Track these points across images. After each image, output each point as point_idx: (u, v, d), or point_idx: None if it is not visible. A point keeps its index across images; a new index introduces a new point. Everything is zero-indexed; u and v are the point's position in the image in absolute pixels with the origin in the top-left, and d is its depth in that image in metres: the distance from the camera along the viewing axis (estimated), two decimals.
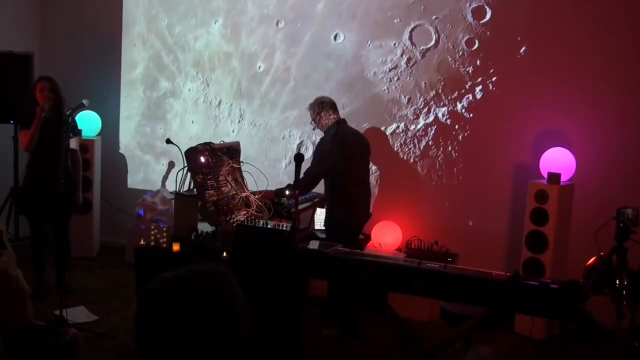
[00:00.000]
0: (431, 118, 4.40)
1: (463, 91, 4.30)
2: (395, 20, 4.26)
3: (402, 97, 4.37)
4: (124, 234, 6.46)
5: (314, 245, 4.03)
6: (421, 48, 4.30)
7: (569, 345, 4.72)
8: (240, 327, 1.40)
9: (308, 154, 4.84)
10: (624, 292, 3.14)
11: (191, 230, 4.39)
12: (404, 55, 4.34)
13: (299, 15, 4.43)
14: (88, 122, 6.43)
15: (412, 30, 4.27)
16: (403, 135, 4.38)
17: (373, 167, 5.59)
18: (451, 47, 4.24)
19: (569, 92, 5.16)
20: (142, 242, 4.40)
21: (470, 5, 4.09)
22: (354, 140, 4.92)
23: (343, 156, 4.73)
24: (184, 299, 1.36)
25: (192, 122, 4.93)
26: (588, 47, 5.10)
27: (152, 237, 4.36)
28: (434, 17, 4.17)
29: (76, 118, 5.48)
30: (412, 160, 4.80)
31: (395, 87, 4.38)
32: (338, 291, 4.81)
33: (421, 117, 4.39)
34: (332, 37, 4.43)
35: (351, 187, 4.80)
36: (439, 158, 5.29)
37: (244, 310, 1.42)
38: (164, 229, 4.43)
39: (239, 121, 4.74)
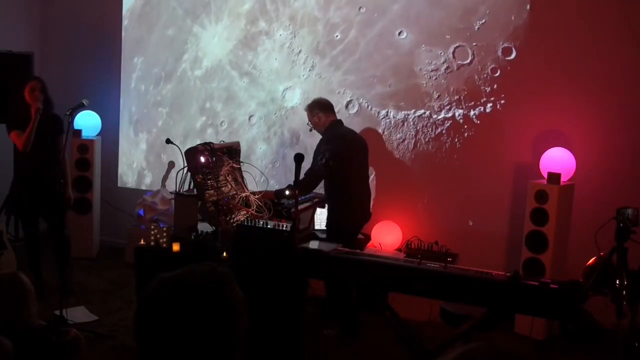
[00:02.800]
0: (450, 114, 5.36)
1: (478, 103, 5.30)
2: (447, 36, 5.31)
3: (434, 92, 5.39)
4: (124, 234, 6.46)
5: (314, 245, 4.02)
6: (458, 62, 5.31)
7: (569, 345, 4.72)
8: (240, 327, 1.40)
9: (353, 110, 5.66)
10: (624, 292, 3.14)
11: (191, 230, 4.38)
12: (444, 64, 5.36)
13: (377, 8, 5.52)
14: (88, 122, 6.43)
15: (456, 47, 5.30)
16: (426, 120, 5.44)
17: (373, 168, 5.63)
18: (480, 69, 5.28)
19: (569, 92, 5.15)
20: (142, 242, 4.39)
21: (502, 44, 5.14)
22: (351, 140, 4.92)
23: (342, 156, 4.73)
24: (184, 299, 1.36)
25: (275, 59, 5.93)
26: (588, 47, 5.10)
27: (152, 237, 4.35)
28: (474, 44, 5.25)
29: (75, 118, 5.47)
30: (423, 148, 5.54)
31: (432, 84, 5.40)
32: (337, 291, 4.81)
33: (443, 111, 5.38)
34: (397, 32, 5.45)
35: (351, 186, 4.80)
36: (441, 156, 5.47)
37: (244, 310, 1.42)
38: (164, 229, 4.42)
39: (309, 70, 5.79)
